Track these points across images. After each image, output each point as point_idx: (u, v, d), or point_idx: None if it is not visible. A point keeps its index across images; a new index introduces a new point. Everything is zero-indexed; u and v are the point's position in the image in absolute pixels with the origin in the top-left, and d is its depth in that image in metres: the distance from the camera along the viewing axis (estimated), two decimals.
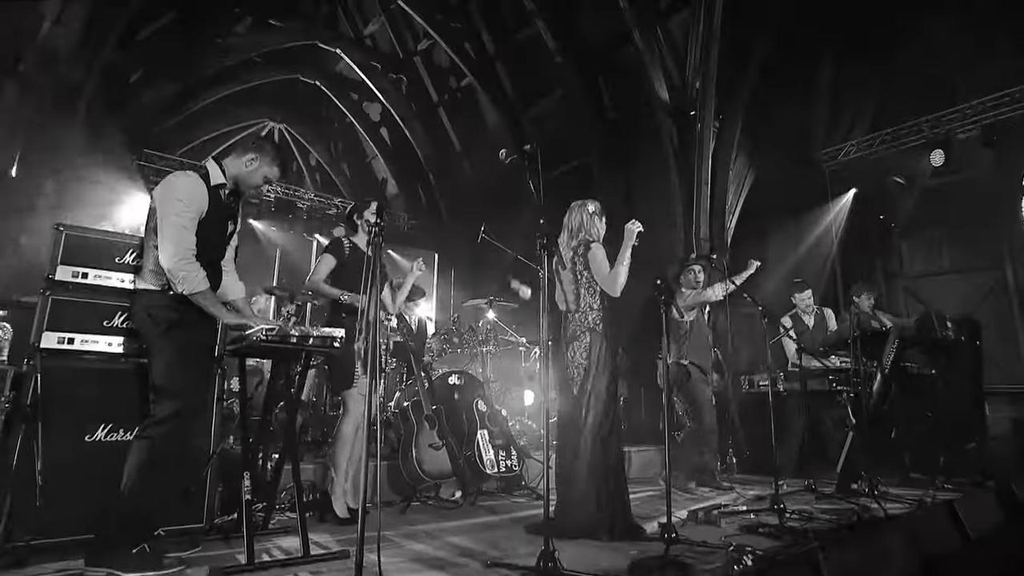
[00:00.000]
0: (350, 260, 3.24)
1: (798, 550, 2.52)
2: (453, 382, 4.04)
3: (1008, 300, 9.69)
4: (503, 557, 2.37)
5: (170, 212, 2.25)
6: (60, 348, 2.45)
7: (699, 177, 7.25)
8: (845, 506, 3.50)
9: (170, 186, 2.31)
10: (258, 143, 2.59)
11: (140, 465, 2.11)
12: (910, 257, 10.74)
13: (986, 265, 9.89)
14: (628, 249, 2.98)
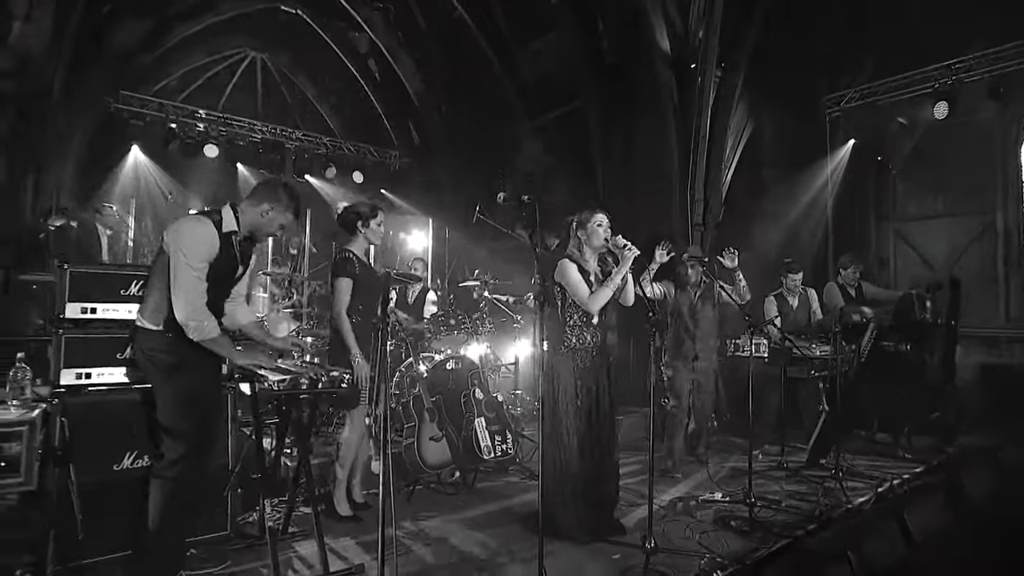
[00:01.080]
0: (361, 278, 3.23)
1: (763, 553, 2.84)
2: (450, 367, 4.22)
3: (995, 245, 9.87)
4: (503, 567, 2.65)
5: (183, 261, 2.29)
6: (78, 384, 2.58)
7: (698, 135, 7.12)
8: (811, 490, 3.85)
9: (184, 233, 2.34)
10: (273, 191, 2.57)
11: (162, 504, 2.30)
12: (904, 199, 10.77)
13: (977, 210, 9.98)
14: (620, 274, 3.01)
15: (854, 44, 8.64)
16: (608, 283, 2.99)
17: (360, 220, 3.32)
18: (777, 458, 4.47)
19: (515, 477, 4.12)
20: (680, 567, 2.69)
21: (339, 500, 3.24)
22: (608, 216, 3.17)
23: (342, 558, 2.75)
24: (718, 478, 4.14)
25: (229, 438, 2.86)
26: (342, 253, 3.35)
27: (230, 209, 2.49)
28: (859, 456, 4.74)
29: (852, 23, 8.29)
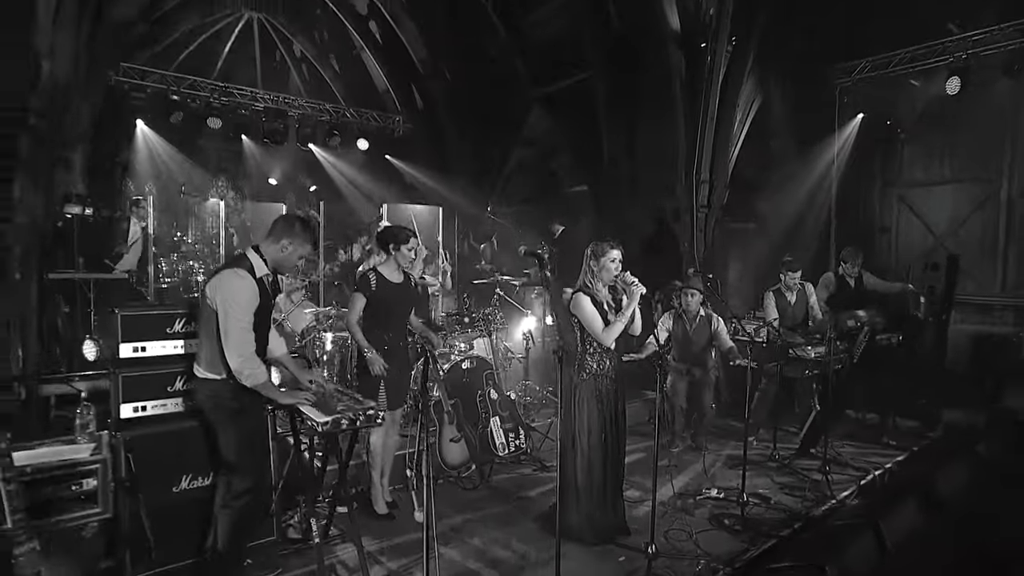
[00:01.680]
0: (379, 295, 3.47)
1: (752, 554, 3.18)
2: (466, 367, 4.48)
3: (997, 214, 10.00)
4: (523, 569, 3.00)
5: (232, 316, 2.51)
6: (136, 416, 2.85)
7: (705, 116, 7.11)
8: (799, 482, 4.19)
9: (228, 291, 2.54)
10: (290, 227, 2.75)
11: (229, 531, 2.61)
12: (910, 165, 10.81)
13: (983, 177, 10.04)
14: (631, 309, 3.21)
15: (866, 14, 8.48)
16: (620, 318, 3.20)
17: (393, 243, 3.57)
18: (770, 444, 4.79)
19: (527, 469, 4.47)
20: (679, 570, 3.03)
21: (375, 499, 3.60)
22: (621, 251, 3.33)
23: (378, 562, 3.09)
24: (714, 469, 4.48)
25: (272, 454, 3.14)
26: (366, 271, 3.60)
27: (254, 252, 2.68)
28: (847, 442, 5.10)
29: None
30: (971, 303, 10.30)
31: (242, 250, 2.73)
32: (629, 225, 8.71)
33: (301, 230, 2.76)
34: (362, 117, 11.64)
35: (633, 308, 3.22)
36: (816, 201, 9.48)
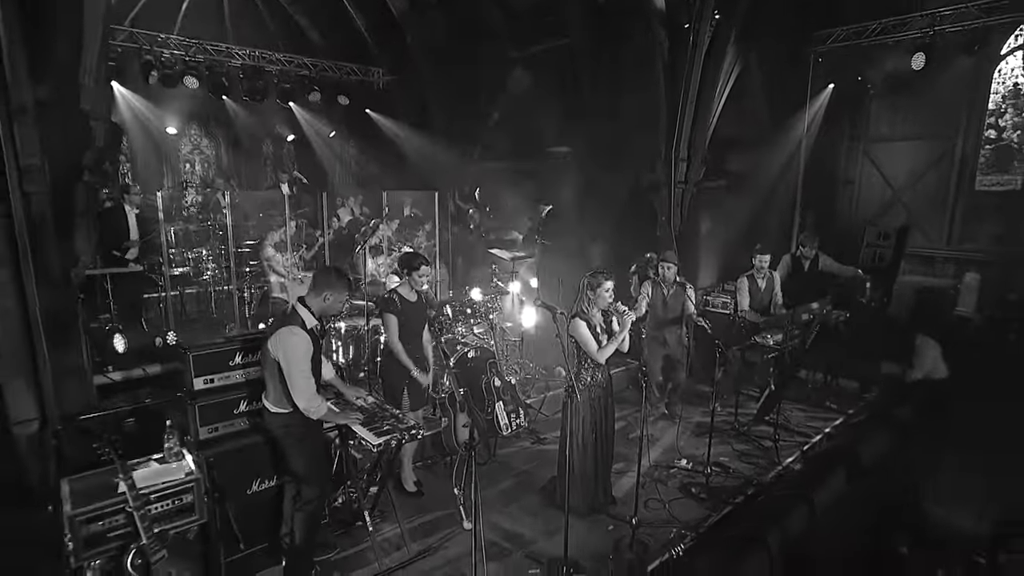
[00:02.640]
0: (404, 312, 4.05)
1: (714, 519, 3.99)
2: (471, 355, 5.10)
3: (951, 170, 10.80)
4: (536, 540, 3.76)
5: (294, 367, 3.03)
6: (212, 437, 3.41)
7: (686, 98, 7.44)
8: (754, 449, 5.04)
9: (289, 348, 3.04)
10: (327, 279, 3.22)
11: (304, 529, 3.27)
12: (876, 120, 11.45)
13: (941, 135, 10.76)
14: (623, 335, 3.80)
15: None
16: (613, 341, 3.81)
17: (407, 268, 4.15)
18: (732, 411, 5.61)
19: (527, 442, 5.22)
20: (657, 537, 3.84)
21: (406, 479, 4.31)
22: (612, 282, 3.87)
23: (409, 541, 3.80)
24: (684, 438, 5.29)
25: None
26: (389, 294, 4.14)
27: (302, 306, 3.17)
28: (796, 406, 5.97)
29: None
30: (918, 255, 11.31)
31: (292, 305, 3.19)
32: (609, 194, 9.17)
33: (337, 280, 3.24)
34: (341, 70, 11.49)
35: (625, 334, 3.81)
36: (788, 160, 10.00)
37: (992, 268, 10.47)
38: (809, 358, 6.00)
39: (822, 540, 3.88)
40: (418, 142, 11.83)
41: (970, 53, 8.08)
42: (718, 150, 10.35)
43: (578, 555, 3.57)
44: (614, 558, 3.62)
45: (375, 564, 3.51)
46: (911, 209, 11.13)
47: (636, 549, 3.72)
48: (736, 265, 8.04)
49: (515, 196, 12.11)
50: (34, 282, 3.20)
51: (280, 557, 3.50)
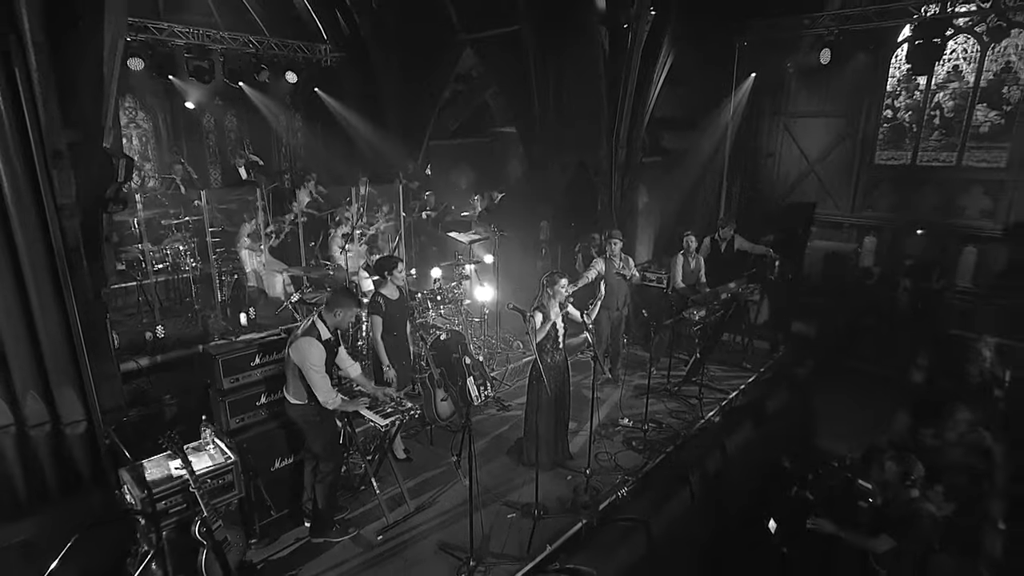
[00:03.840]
0: (389, 311, 4.71)
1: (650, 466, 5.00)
2: (443, 338, 5.83)
3: (854, 145, 12.21)
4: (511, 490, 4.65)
5: (311, 370, 3.70)
6: (240, 426, 4.05)
7: (624, 91, 8.17)
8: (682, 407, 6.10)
9: (307, 354, 3.70)
10: (338, 299, 3.88)
11: (324, 496, 4.01)
12: (795, 97, 12.69)
13: (847, 114, 12.11)
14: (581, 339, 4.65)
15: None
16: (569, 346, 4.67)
17: (387, 270, 4.80)
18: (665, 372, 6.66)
19: (493, 409, 6.07)
20: (606, 482, 4.81)
21: (397, 449, 5.07)
22: (568, 280, 4.67)
23: (410, 499, 4.60)
24: (626, 399, 6.27)
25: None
26: (375, 297, 4.79)
27: (319, 320, 3.82)
28: (719, 366, 7.09)
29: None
30: (828, 221, 12.81)
31: (312, 319, 3.82)
32: (554, 176, 9.90)
33: (347, 299, 3.91)
34: (288, 48, 11.46)
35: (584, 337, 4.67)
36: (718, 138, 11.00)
37: (886, 232, 12.07)
38: (728, 326, 7.11)
39: (731, 474, 4.99)
40: (366, 121, 12.03)
41: (867, 51, 9.17)
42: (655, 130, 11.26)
43: (545, 500, 4.48)
44: (573, 501, 4.57)
45: (383, 519, 4.30)
46: (823, 179, 12.53)
47: (590, 493, 4.68)
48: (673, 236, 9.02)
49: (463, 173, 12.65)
50: (73, 301, 3.67)
51: (302, 520, 4.24)
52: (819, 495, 4.28)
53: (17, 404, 3.62)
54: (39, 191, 3.42)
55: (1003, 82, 10.49)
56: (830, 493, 4.33)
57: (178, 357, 6.28)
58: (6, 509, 3.72)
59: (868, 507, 4.16)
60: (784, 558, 4.14)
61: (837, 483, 4.38)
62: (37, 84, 3.29)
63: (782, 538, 4.12)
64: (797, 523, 3.99)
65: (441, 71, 11.41)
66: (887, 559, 3.91)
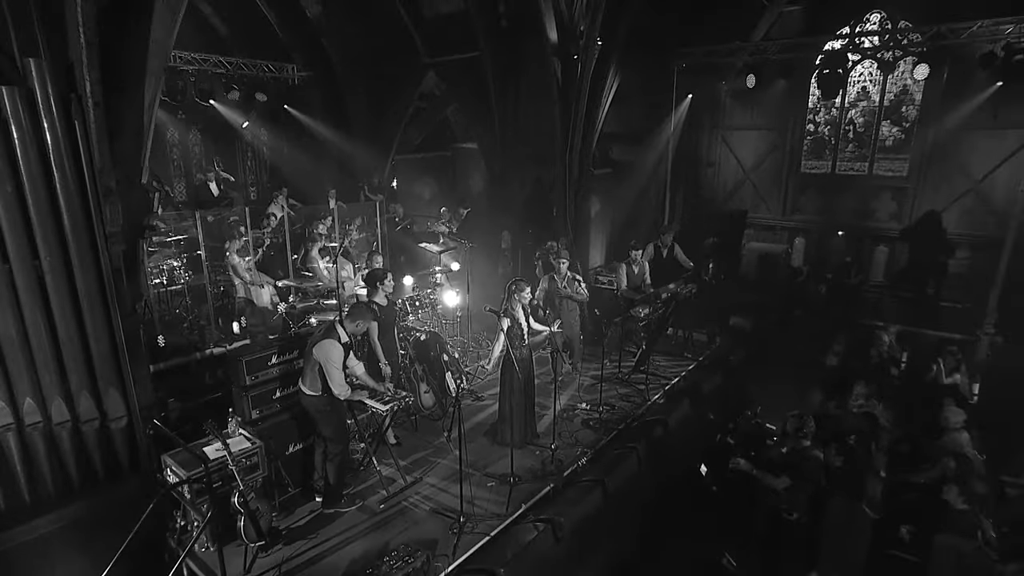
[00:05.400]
0: (380, 317, 5.49)
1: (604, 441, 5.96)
2: (423, 339, 6.64)
3: (783, 155, 13.62)
4: (489, 464, 5.51)
5: (331, 366, 4.47)
6: (260, 416, 4.78)
7: (576, 116, 9.16)
8: (631, 391, 7.09)
9: (328, 353, 4.47)
10: (358, 311, 4.67)
11: (334, 474, 4.78)
12: (731, 112, 14.06)
13: (776, 127, 13.52)
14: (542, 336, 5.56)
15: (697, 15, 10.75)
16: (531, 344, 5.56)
17: (377, 281, 5.55)
18: (617, 362, 7.65)
19: (469, 400, 6.91)
20: (568, 455, 5.73)
21: (388, 435, 5.84)
22: (530, 287, 5.57)
23: (405, 475, 5.39)
24: (583, 389, 7.21)
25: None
26: (368, 304, 5.55)
27: (340, 326, 4.60)
28: (663, 356, 8.13)
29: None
30: (763, 224, 14.23)
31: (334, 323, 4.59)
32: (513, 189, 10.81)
33: (365, 311, 4.72)
34: (256, 67, 11.99)
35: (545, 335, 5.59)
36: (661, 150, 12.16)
37: (813, 234, 13.53)
38: (671, 321, 8.17)
39: (672, 445, 6.00)
40: (334, 137, 12.65)
41: (785, 76, 10.47)
42: (604, 145, 12.34)
43: (519, 471, 5.36)
44: (542, 470, 5.47)
45: (382, 492, 5.09)
46: (757, 186, 13.92)
47: (555, 463, 5.59)
48: (623, 241, 10.04)
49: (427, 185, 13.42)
50: (118, 314, 4.33)
51: (314, 495, 4.99)
52: (737, 440, 5.35)
53: (72, 402, 4.25)
54: (91, 221, 4.09)
55: (902, 102, 12.05)
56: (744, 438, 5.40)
57: (176, 364, 6.87)
58: (62, 494, 4.34)
59: (773, 444, 5.24)
60: (714, 496, 5.17)
61: (750, 428, 5.47)
62: (93, 134, 3.97)
63: (712, 479, 5.15)
64: (722, 466, 5.03)
65: (406, 91, 12.16)
66: (787, 495, 4.98)
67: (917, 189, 11.88)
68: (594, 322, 8.43)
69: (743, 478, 5.29)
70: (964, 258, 11.05)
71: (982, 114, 10.27)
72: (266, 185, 12.35)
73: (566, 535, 4.67)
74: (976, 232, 10.85)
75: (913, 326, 10.13)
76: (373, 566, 4.18)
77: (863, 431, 6.24)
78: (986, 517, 5.20)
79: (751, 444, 5.45)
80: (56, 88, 3.82)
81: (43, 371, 4.13)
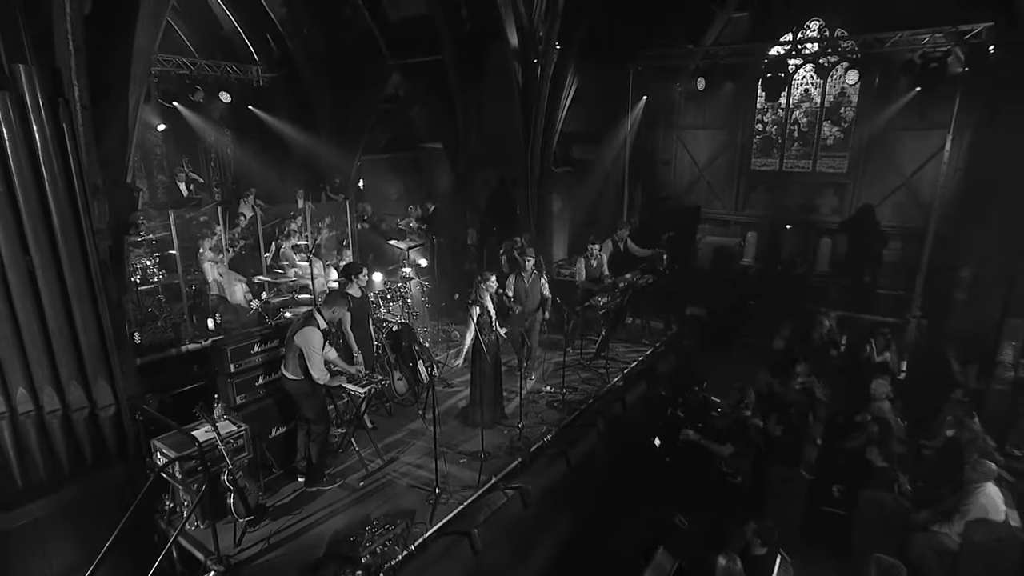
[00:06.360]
0: (354, 307, 5.82)
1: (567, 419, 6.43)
2: (395, 329, 6.99)
3: (733, 154, 14.35)
4: (461, 443, 5.90)
5: (312, 351, 4.79)
6: (243, 402, 5.06)
7: (536, 116, 9.61)
8: (593, 375, 7.58)
9: (309, 339, 4.78)
10: (334, 299, 5.00)
11: (317, 453, 5.10)
12: (685, 112, 14.74)
13: (727, 126, 14.26)
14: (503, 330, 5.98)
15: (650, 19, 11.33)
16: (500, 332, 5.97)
17: (352, 274, 5.89)
18: (579, 350, 8.13)
19: (439, 387, 7.28)
20: (533, 433, 6.16)
21: (365, 421, 6.16)
22: (495, 277, 5.99)
23: (382, 455, 5.74)
24: (547, 374, 7.66)
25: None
26: (342, 292, 5.87)
27: (318, 313, 4.92)
28: (623, 343, 8.66)
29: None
30: (717, 219, 14.97)
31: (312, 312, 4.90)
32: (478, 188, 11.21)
33: (341, 299, 5.03)
34: (220, 68, 12.04)
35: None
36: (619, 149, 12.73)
37: (764, 228, 14.33)
38: (629, 309, 8.71)
39: (629, 420, 6.51)
40: (299, 137, 12.78)
41: (734, 80, 11.15)
42: (565, 144, 12.85)
43: (488, 448, 5.77)
44: (510, 446, 5.90)
45: (362, 471, 5.43)
46: (711, 183, 14.65)
47: (523, 440, 6.02)
48: (584, 236, 10.54)
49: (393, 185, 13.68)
50: (105, 306, 4.56)
51: (297, 476, 5.29)
52: (687, 413, 5.89)
53: (63, 392, 4.46)
54: (79, 218, 4.31)
55: (841, 104, 12.93)
56: (692, 410, 5.95)
57: (151, 361, 7.03)
58: (54, 480, 4.54)
59: (718, 415, 5.80)
60: (667, 465, 5.69)
61: (697, 401, 6.02)
62: (80, 136, 4.19)
63: (665, 450, 5.67)
64: (674, 437, 5.55)
65: (371, 93, 12.41)
66: (731, 461, 5.53)
67: (855, 185, 12.77)
68: (556, 311, 8.90)
69: (692, 447, 5.84)
70: (897, 248, 11.96)
71: (910, 115, 11.17)
72: (231, 187, 12.38)
73: (533, 501, 5.11)
74: (907, 224, 11.76)
75: (852, 311, 10.98)
76: (357, 534, 4.52)
77: (802, 404, 6.89)
78: (904, 473, 5.87)
79: (699, 416, 6.00)
80: (44, 93, 4.03)
81: (35, 362, 4.32)
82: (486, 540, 4.64)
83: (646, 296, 8.74)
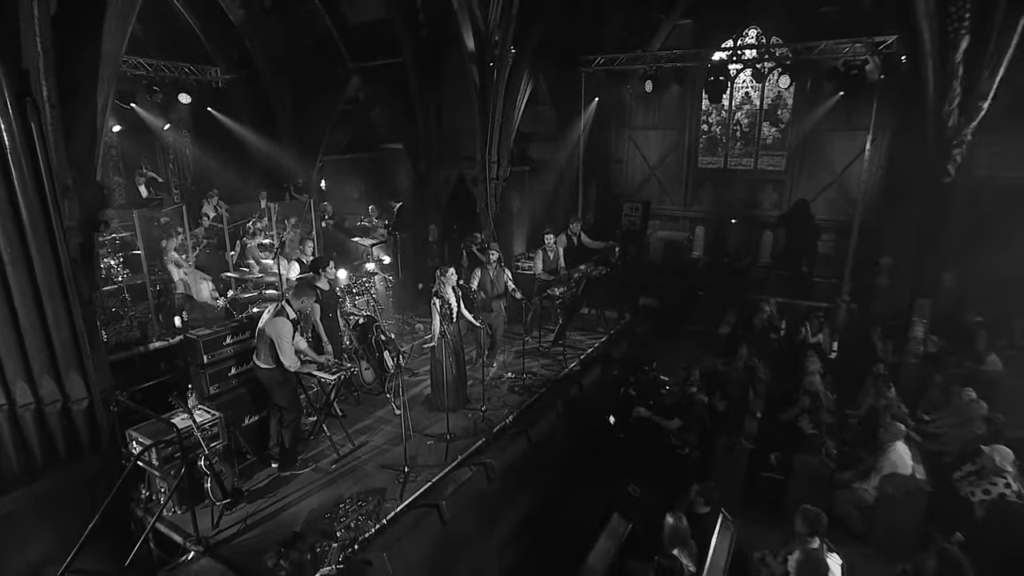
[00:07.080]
0: (322, 299, 6.07)
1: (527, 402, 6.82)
2: (361, 322, 7.23)
3: (681, 153, 15.05)
4: (428, 427, 6.22)
5: (283, 340, 5.02)
6: (217, 392, 5.25)
7: (493, 115, 9.99)
8: (551, 361, 8.00)
9: (279, 329, 5.01)
10: (303, 290, 5.22)
11: (289, 438, 5.33)
12: (635, 113, 15.36)
13: (676, 127, 14.94)
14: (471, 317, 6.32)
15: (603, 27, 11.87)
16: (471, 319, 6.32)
17: (320, 268, 6.14)
18: (538, 338, 8.54)
19: (405, 376, 7.55)
20: (496, 415, 6.53)
21: (335, 408, 6.40)
22: (455, 269, 6.33)
23: (352, 440, 6.00)
24: (508, 361, 8.04)
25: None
26: (311, 284, 6.11)
27: (287, 305, 5.15)
28: (578, 331, 9.12)
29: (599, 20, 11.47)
30: (667, 214, 15.65)
31: (282, 303, 5.13)
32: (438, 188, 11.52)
33: (309, 290, 5.28)
34: (178, 70, 11.93)
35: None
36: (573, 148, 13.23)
37: (711, 223, 15.08)
38: (585, 299, 9.19)
39: (585, 401, 6.96)
40: (260, 139, 12.78)
41: (680, 83, 11.79)
42: (522, 144, 13.28)
43: (454, 430, 6.10)
44: (474, 428, 6.25)
45: (334, 455, 5.68)
46: (662, 180, 15.33)
47: (485, 423, 6.38)
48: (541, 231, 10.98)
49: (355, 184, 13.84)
50: (77, 302, 4.68)
51: (270, 462, 5.50)
52: (638, 391, 6.37)
53: (35, 385, 4.56)
54: (49, 216, 4.43)
55: (778, 106, 13.79)
56: (643, 388, 6.43)
57: (118, 359, 7.06)
58: (27, 473, 4.63)
59: (667, 393, 6.30)
60: (621, 441, 6.14)
61: (647, 380, 6.52)
62: (49, 135, 4.32)
63: (619, 427, 6.12)
64: (627, 414, 6.01)
65: (331, 95, 12.54)
66: (679, 434, 6.04)
67: (793, 181, 13.65)
68: (515, 302, 9.31)
69: (644, 423, 6.32)
70: (830, 240, 12.86)
71: (838, 118, 12.07)
72: (191, 188, 12.27)
73: (497, 476, 5.48)
74: (838, 218, 12.66)
75: (791, 298, 11.78)
76: (331, 512, 4.79)
77: (743, 381, 7.48)
78: (831, 439, 6.50)
79: (649, 394, 6.49)
80: (12, 92, 4.15)
81: (6, 357, 4.42)
82: (453, 512, 4.98)
83: (601, 288, 9.23)
